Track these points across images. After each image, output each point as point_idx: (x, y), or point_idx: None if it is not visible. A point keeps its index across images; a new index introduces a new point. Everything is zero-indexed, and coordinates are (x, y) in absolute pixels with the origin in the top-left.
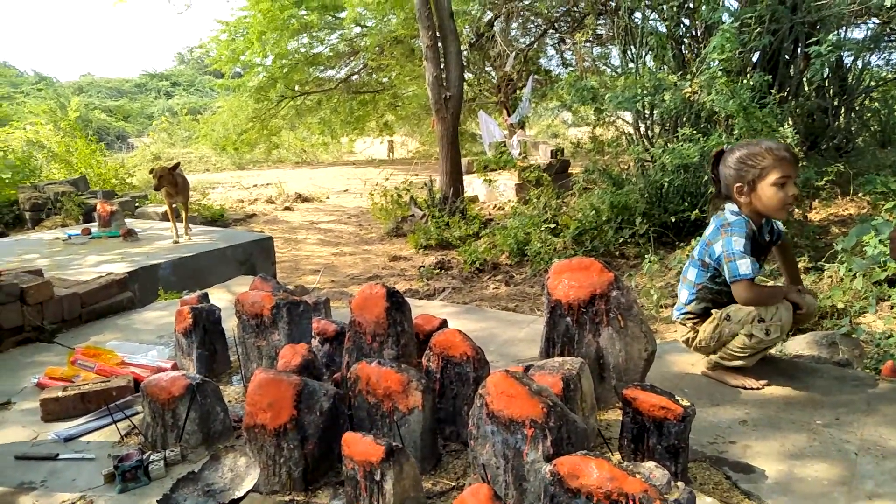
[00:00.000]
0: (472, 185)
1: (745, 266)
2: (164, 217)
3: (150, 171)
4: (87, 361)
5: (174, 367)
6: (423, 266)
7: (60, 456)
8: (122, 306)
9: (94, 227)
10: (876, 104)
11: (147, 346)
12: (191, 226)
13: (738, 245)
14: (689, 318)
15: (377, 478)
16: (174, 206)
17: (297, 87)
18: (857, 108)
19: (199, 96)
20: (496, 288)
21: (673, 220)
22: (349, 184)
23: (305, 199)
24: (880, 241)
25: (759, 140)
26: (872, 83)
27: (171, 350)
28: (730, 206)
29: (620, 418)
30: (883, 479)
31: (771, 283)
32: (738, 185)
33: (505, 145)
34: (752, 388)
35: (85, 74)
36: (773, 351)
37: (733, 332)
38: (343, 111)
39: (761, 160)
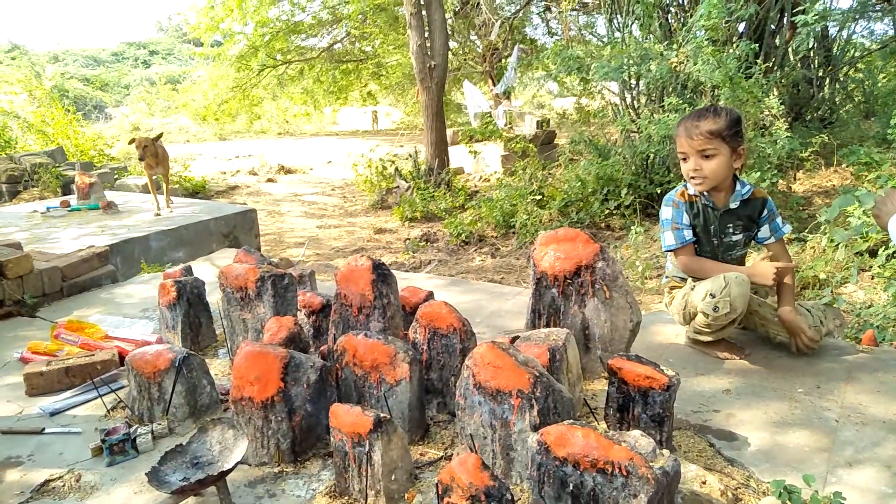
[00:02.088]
0: (458, 156)
1: (669, 237)
2: (145, 189)
3: (131, 142)
4: (70, 335)
5: (159, 341)
6: (409, 238)
7: (46, 430)
8: (104, 280)
9: (74, 200)
10: (860, 75)
11: (131, 320)
12: (172, 198)
13: (665, 214)
14: (674, 286)
15: (366, 449)
16: (154, 177)
17: (278, 56)
18: (841, 79)
19: (178, 65)
20: (482, 260)
21: (658, 191)
22: (333, 155)
23: (289, 171)
24: (864, 211)
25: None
26: (857, 54)
27: (156, 324)
28: None
29: (606, 388)
30: (862, 445)
31: (757, 258)
32: None
33: (490, 116)
34: (735, 358)
35: (60, 43)
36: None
37: (695, 304)
38: (326, 80)
39: (675, 131)
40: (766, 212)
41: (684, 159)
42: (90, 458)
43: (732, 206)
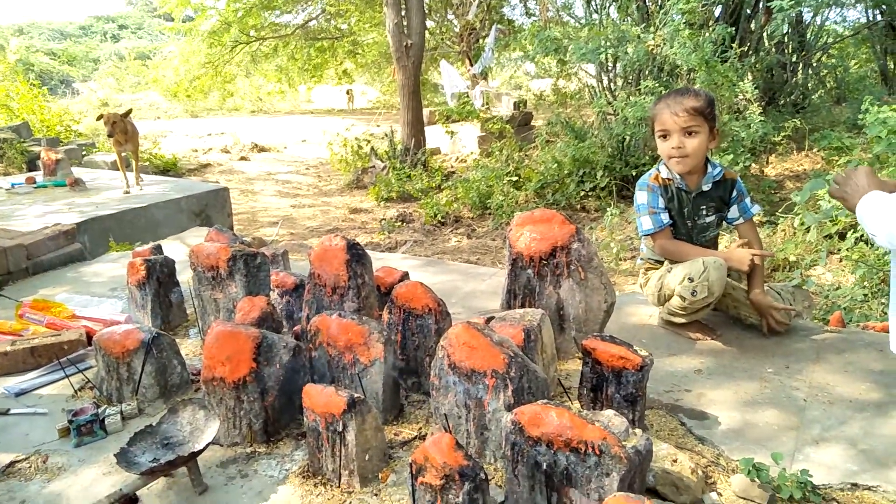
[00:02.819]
0: (435, 136)
1: (646, 222)
2: (114, 166)
3: (98, 118)
4: (35, 315)
5: (128, 321)
6: (384, 218)
7: (11, 411)
8: (71, 258)
9: (39, 176)
10: (833, 61)
11: (99, 299)
12: (142, 175)
13: (641, 199)
14: (649, 267)
15: (339, 429)
16: (123, 154)
17: (252, 33)
18: (814, 65)
19: (148, 40)
20: (458, 241)
21: (634, 173)
22: (308, 134)
23: (262, 149)
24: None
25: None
26: (830, 40)
27: (125, 303)
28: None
29: (580, 368)
30: (829, 423)
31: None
32: (651, 136)
33: (467, 96)
34: (706, 339)
35: (26, 17)
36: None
37: (672, 286)
38: (300, 58)
39: (652, 111)
40: (735, 193)
41: (664, 137)
42: (57, 440)
43: (705, 188)
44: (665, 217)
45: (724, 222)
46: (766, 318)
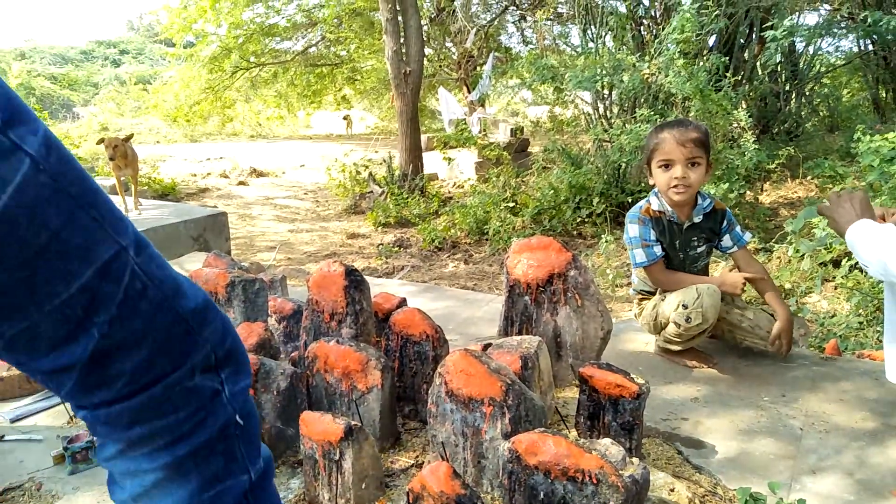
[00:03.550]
0: (432, 162)
1: (639, 255)
2: (112, 190)
3: (99, 142)
4: None
5: None
6: (382, 244)
7: (6, 437)
8: None
9: None
10: (825, 90)
11: None
12: (140, 199)
13: (633, 232)
14: (642, 297)
15: (336, 457)
16: (123, 178)
17: (252, 59)
18: (807, 94)
19: (149, 65)
20: (455, 266)
21: (630, 200)
22: (306, 159)
23: (261, 174)
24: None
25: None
26: (823, 69)
27: None
28: (654, 189)
29: (577, 396)
30: (826, 452)
31: (726, 270)
32: (645, 166)
33: (465, 122)
34: (703, 367)
35: (28, 40)
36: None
37: (667, 314)
38: (300, 84)
39: (650, 141)
40: (725, 223)
41: (666, 167)
42: (52, 466)
43: (696, 220)
44: (658, 249)
45: (714, 251)
46: (777, 344)
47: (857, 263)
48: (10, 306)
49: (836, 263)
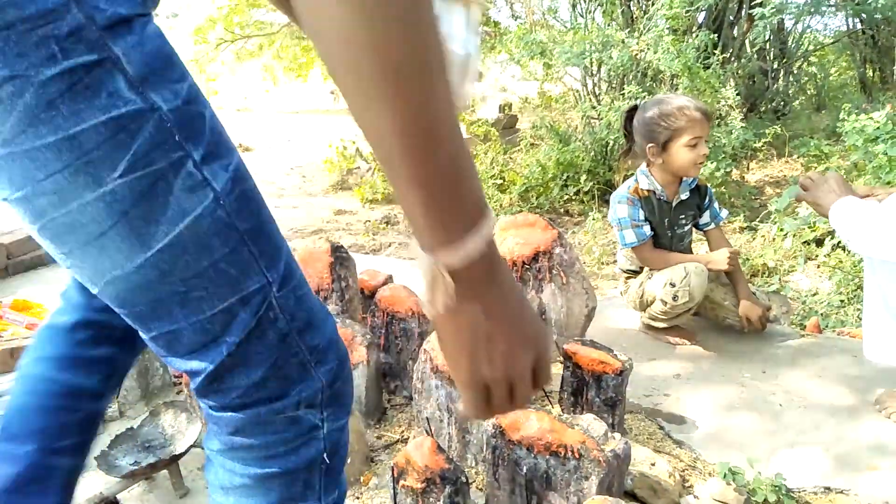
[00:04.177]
0: None
1: (629, 235)
2: None
3: None
4: (16, 316)
5: None
6: (369, 220)
7: None
8: (51, 258)
9: None
10: (813, 68)
11: None
12: None
13: (622, 212)
14: (628, 276)
15: None
16: None
17: (237, 30)
18: (795, 72)
19: None
20: None
21: (617, 177)
22: (292, 133)
23: (246, 149)
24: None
25: (671, 97)
26: (811, 47)
27: None
28: (641, 168)
29: (561, 372)
30: (804, 428)
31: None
32: (650, 145)
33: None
34: (686, 344)
35: None
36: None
37: (654, 292)
38: (286, 57)
39: (674, 121)
40: (707, 199)
41: (694, 145)
42: None
43: (683, 196)
44: (647, 229)
45: (696, 229)
46: (748, 323)
47: (839, 242)
48: (162, 313)
49: (819, 242)
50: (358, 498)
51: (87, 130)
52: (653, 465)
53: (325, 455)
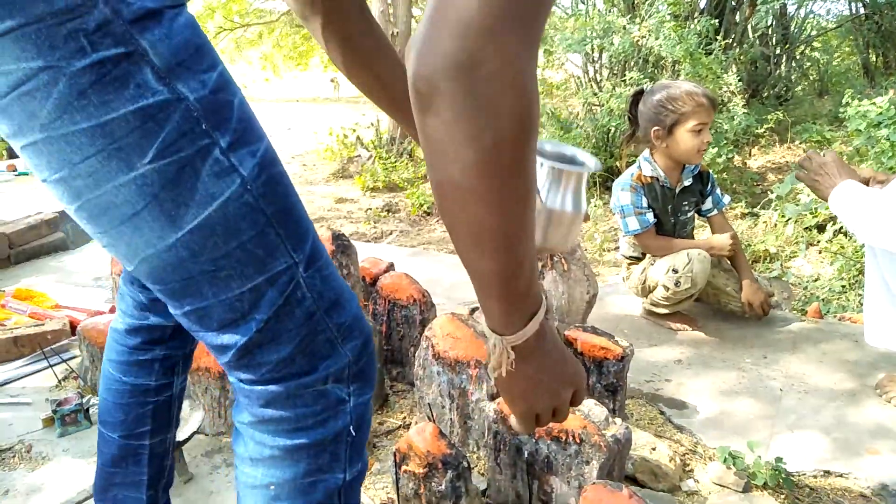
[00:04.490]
0: None
1: (632, 223)
2: None
3: None
4: (18, 304)
5: (112, 311)
6: (370, 208)
7: None
8: (54, 247)
9: (20, 164)
10: (816, 54)
11: (83, 289)
12: None
13: (625, 200)
14: (631, 262)
15: None
16: None
17: (236, 19)
18: (797, 57)
19: None
20: (444, 231)
21: (619, 164)
22: (293, 122)
23: None
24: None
25: (678, 83)
26: (814, 32)
27: (109, 293)
28: (644, 154)
29: None
30: (804, 412)
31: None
32: (655, 128)
33: None
34: (687, 329)
35: None
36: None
37: (656, 278)
38: (286, 45)
39: (681, 105)
40: (710, 185)
41: (699, 131)
42: (41, 430)
43: (686, 183)
44: (650, 216)
45: (698, 215)
46: (756, 308)
47: (841, 228)
48: (193, 290)
49: (821, 228)
50: None
51: (118, 119)
52: (653, 449)
53: (350, 428)
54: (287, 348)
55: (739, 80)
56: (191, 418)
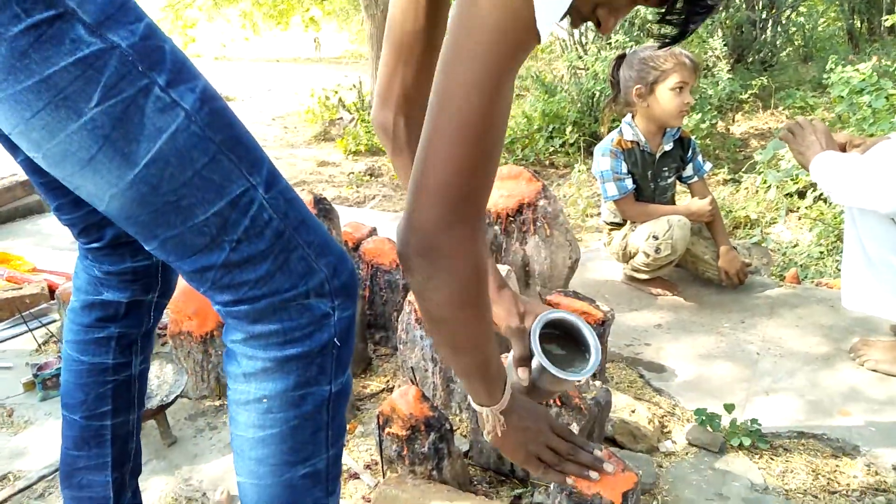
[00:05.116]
0: None
1: (611, 188)
2: None
3: None
4: None
5: None
6: (353, 172)
7: None
8: (29, 210)
9: None
10: (801, 19)
11: (60, 252)
12: None
13: (604, 165)
14: (612, 228)
15: None
16: None
17: None
18: (783, 22)
19: None
20: None
21: (602, 129)
22: (273, 83)
23: (226, 99)
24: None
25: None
26: None
27: None
28: (625, 118)
29: None
30: (779, 375)
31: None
32: (637, 86)
33: None
34: (667, 294)
35: None
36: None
37: (636, 244)
38: (266, 3)
39: (663, 63)
40: (691, 151)
41: (680, 90)
42: (22, 394)
43: (667, 147)
44: (629, 182)
45: (679, 181)
46: (727, 276)
47: (821, 195)
48: (162, 220)
49: (802, 194)
50: (344, 445)
51: (59, 72)
52: (633, 411)
53: (335, 340)
54: (263, 266)
55: (725, 45)
56: (174, 382)
